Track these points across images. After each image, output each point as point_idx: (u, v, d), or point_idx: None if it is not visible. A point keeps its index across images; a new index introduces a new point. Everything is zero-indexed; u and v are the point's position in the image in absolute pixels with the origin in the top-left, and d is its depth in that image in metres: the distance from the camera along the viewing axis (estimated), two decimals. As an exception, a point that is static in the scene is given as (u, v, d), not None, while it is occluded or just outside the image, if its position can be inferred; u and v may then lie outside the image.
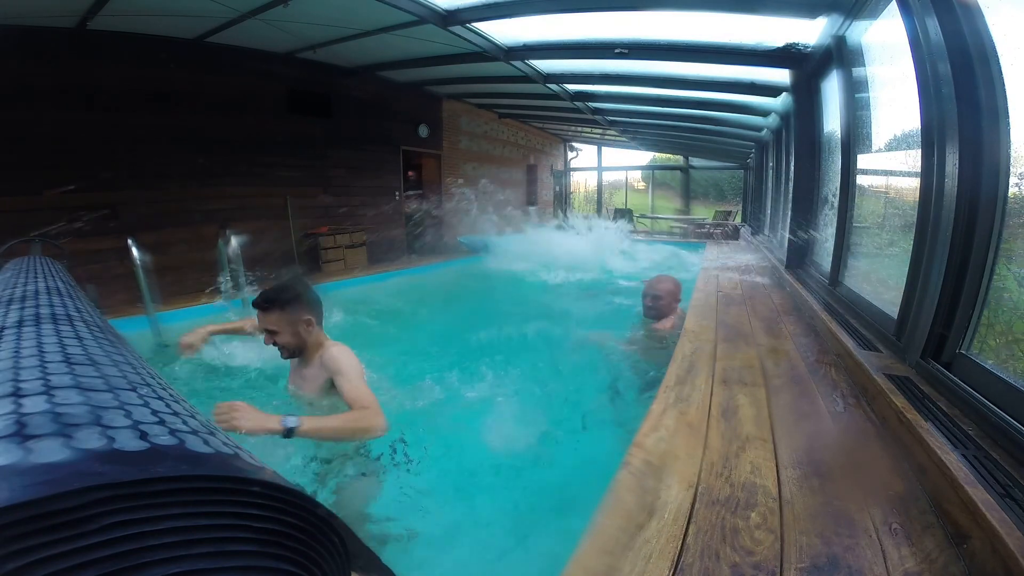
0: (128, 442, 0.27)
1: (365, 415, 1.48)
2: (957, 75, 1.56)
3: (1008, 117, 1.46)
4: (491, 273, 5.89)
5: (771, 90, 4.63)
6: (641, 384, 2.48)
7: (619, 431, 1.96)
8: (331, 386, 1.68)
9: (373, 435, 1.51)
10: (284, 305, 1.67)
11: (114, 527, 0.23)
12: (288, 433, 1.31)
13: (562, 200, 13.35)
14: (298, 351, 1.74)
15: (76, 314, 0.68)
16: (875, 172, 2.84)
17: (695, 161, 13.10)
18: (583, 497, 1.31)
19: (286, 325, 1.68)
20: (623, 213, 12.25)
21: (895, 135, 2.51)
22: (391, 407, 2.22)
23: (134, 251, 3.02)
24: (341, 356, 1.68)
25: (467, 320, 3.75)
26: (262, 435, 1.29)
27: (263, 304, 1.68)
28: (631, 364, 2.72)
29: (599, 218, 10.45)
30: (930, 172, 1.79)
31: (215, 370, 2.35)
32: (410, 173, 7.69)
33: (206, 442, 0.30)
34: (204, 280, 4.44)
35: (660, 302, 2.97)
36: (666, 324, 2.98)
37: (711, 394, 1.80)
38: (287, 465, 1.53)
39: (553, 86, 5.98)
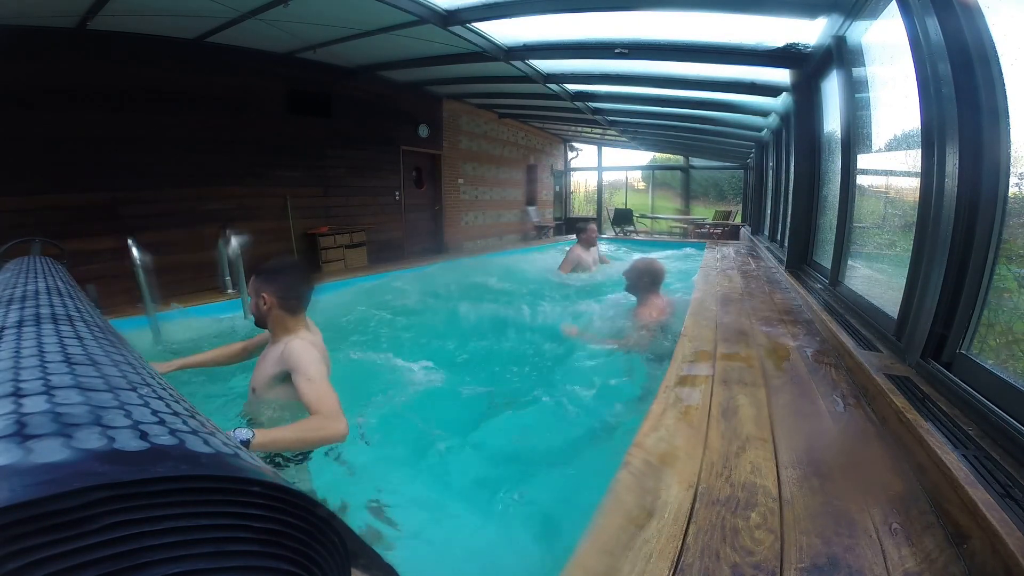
0: (128, 442, 0.27)
1: (323, 422, 1.42)
2: (957, 75, 1.56)
3: (1008, 117, 1.46)
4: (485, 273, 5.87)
5: (771, 90, 4.64)
6: (626, 376, 2.50)
7: (618, 431, 1.96)
8: (281, 382, 1.62)
9: (332, 441, 1.48)
10: (258, 272, 1.73)
11: (114, 527, 0.23)
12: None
13: (563, 200, 13.35)
14: (261, 324, 1.75)
15: (76, 314, 0.68)
16: (875, 172, 2.84)
17: (695, 161, 13.10)
18: (583, 497, 1.31)
19: (253, 291, 1.72)
20: (623, 214, 12.24)
21: (895, 135, 2.51)
22: (385, 407, 2.23)
23: (134, 251, 3.02)
24: (300, 351, 1.59)
25: (458, 320, 3.74)
26: None
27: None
28: (615, 358, 2.74)
29: None
30: (930, 172, 1.79)
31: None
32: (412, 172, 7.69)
33: (206, 442, 0.30)
34: (204, 280, 4.45)
35: (627, 275, 3.22)
36: (649, 314, 3.01)
37: (711, 394, 1.80)
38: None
39: (553, 86, 5.98)
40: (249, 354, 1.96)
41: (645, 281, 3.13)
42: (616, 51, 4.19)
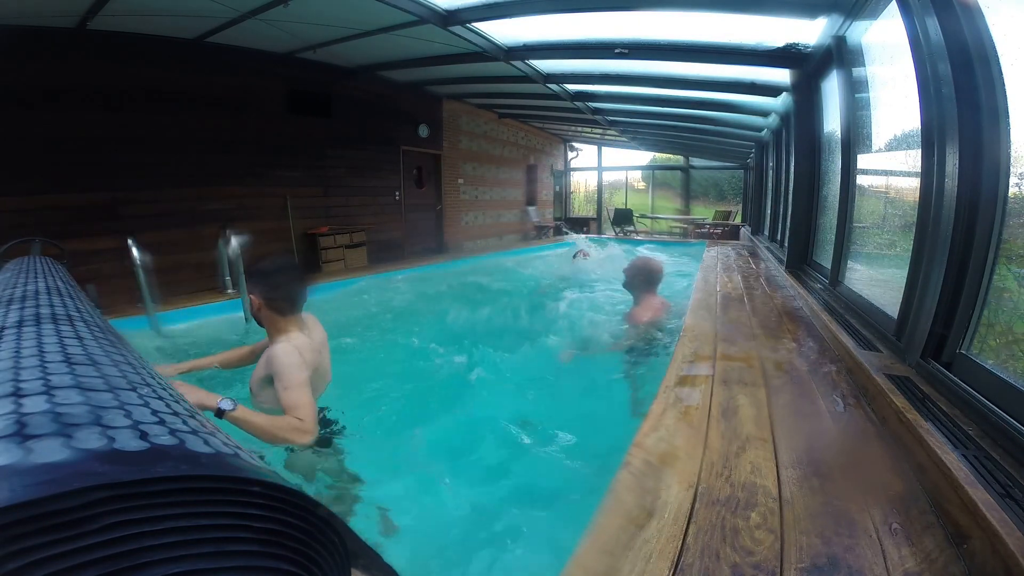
0: (128, 442, 0.27)
1: (292, 425, 1.47)
2: (957, 75, 1.56)
3: (1008, 117, 1.46)
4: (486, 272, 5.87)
5: (771, 90, 4.63)
6: (624, 376, 2.49)
7: (618, 431, 1.96)
8: (269, 384, 1.62)
9: (294, 444, 1.52)
10: (248, 273, 1.79)
11: (114, 527, 0.23)
12: (219, 413, 1.36)
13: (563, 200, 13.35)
14: (260, 324, 1.76)
15: (76, 314, 0.68)
16: (875, 172, 2.84)
17: (695, 161, 13.10)
18: (583, 497, 1.31)
19: (248, 292, 1.73)
20: (623, 214, 12.24)
21: (895, 135, 2.51)
22: (384, 405, 2.24)
23: (134, 251, 3.03)
24: (282, 357, 1.59)
25: (456, 320, 3.74)
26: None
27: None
28: (613, 359, 2.74)
29: None
30: (930, 172, 1.79)
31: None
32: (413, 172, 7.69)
33: (206, 442, 0.30)
34: (204, 280, 4.45)
35: (626, 272, 3.23)
36: (643, 314, 3.00)
37: (711, 394, 1.80)
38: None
39: (553, 86, 5.98)
40: (256, 357, 1.96)
41: (641, 280, 3.13)
42: (616, 51, 4.19)
